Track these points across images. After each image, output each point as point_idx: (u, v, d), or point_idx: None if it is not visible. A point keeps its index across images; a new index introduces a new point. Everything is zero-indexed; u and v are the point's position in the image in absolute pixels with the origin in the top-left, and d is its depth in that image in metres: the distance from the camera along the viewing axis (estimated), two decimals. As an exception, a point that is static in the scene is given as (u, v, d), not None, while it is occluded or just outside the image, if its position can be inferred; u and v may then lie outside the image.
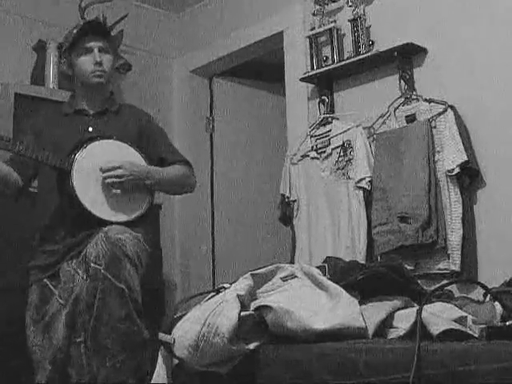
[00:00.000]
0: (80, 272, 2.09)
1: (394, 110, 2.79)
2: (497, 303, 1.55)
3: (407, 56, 2.79)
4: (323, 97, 3.09)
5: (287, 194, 3.05)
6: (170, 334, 1.46)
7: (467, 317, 1.45)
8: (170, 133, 2.73)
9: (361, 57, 2.90)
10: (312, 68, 3.12)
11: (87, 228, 2.17)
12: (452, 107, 2.59)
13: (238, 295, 1.47)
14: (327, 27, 3.07)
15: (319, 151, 2.99)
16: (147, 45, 3.87)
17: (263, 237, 3.93)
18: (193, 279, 3.79)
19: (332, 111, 3.07)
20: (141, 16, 3.84)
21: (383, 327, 1.50)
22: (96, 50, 2.32)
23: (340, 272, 1.67)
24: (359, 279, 1.59)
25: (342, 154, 2.88)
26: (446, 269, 2.53)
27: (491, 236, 2.50)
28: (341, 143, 2.89)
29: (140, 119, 2.46)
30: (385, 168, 2.72)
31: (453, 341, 1.27)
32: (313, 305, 1.50)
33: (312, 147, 3.01)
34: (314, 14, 3.15)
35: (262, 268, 1.62)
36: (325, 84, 3.11)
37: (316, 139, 3.02)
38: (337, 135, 2.92)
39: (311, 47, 3.14)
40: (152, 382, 1.54)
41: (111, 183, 2.19)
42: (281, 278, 1.61)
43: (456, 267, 2.50)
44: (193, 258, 3.84)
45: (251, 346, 1.44)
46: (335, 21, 3.07)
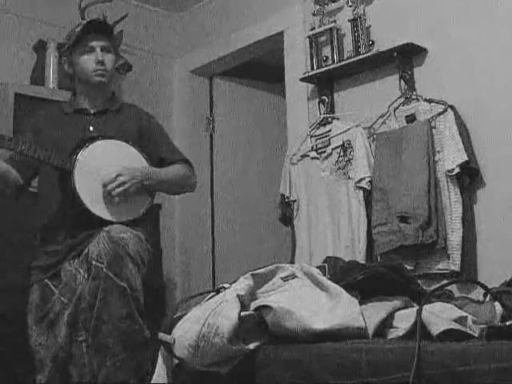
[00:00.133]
0: (81, 271, 2.08)
1: (394, 110, 2.79)
2: (497, 303, 1.55)
3: (407, 56, 2.79)
4: (323, 97, 3.10)
5: (287, 194, 3.06)
6: (170, 334, 1.46)
7: (467, 317, 1.45)
8: (170, 133, 2.73)
9: (361, 57, 2.90)
10: (312, 68, 3.12)
11: (88, 228, 2.16)
12: (452, 107, 2.59)
13: (238, 295, 1.47)
14: (327, 27, 3.07)
15: (319, 151, 2.99)
16: (147, 45, 3.87)
17: (263, 237, 3.93)
18: (193, 279, 3.79)
19: (332, 111, 3.07)
20: (141, 16, 3.85)
21: (383, 327, 1.50)
22: (98, 49, 2.32)
23: (340, 272, 1.67)
24: (359, 279, 1.59)
25: (342, 154, 2.88)
26: (446, 269, 2.53)
27: (491, 236, 2.50)
28: (341, 143, 2.89)
29: (141, 119, 2.45)
30: (385, 168, 2.72)
31: (453, 341, 1.27)
32: (313, 305, 1.50)
33: (312, 147, 3.01)
34: (314, 14, 3.15)
35: (262, 268, 1.62)
36: (325, 84, 3.11)
37: (316, 139, 3.03)
38: (337, 135, 2.92)
39: (311, 47, 3.14)
40: (152, 382, 1.54)
41: (117, 194, 2.18)
42: (281, 278, 1.61)
43: (456, 267, 2.50)
44: (193, 258, 3.84)
45: (251, 346, 1.44)
46: (335, 21, 3.07)
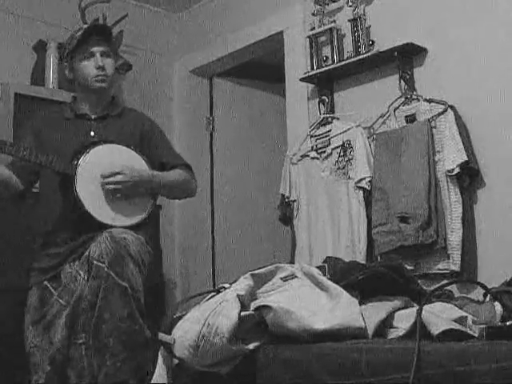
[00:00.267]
0: (82, 273, 2.08)
1: (394, 110, 2.79)
2: (497, 303, 1.55)
3: (407, 56, 2.79)
4: (323, 97, 3.09)
5: (287, 194, 3.06)
6: (170, 334, 1.46)
7: (467, 317, 1.45)
8: (170, 133, 2.74)
9: (361, 57, 2.90)
10: (312, 68, 3.12)
11: (89, 231, 2.17)
12: (452, 107, 2.59)
13: (238, 295, 1.47)
14: (327, 27, 3.07)
15: (319, 151, 2.99)
16: (147, 45, 3.87)
17: (263, 237, 3.93)
18: (193, 279, 3.79)
19: (332, 111, 3.07)
20: (141, 16, 3.85)
21: (383, 327, 1.50)
22: (98, 55, 2.31)
23: (340, 272, 1.67)
24: (359, 279, 1.59)
25: (342, 154, 2.88)
26: (446, 269, 2.53)
27: (491, 236, 2.50)
28: (341, 143, 2.89)
29: (142, 123, 2.45)
30: (385, 168, 2.72)
31: (453, 341, 1.27)
32: (313, 305, 1.50)
33: (312, 147, 3.01)
34: (314, 14, 3.15)
35: (262, 268, 1.62)
36: (325, 84, 3.11)
37: (316, 139, 3.03)
38: (337, 135, 2.92)
39: (311, 47, 3.14)
40: (152, 382, 1.54)
41: (111, 190, 2.19)
42: (281, 278, 1.61)
43: (456, 267, 2.50)
44: (193, 258, 3.84)
45: (251, 346, 1.44)
46: (335, 21, 3.07)
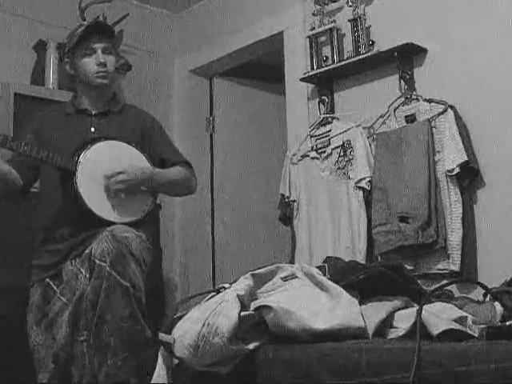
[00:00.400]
0: (83, 270, 2.08)
1: (394, 110, 2.79)
2: (497, 303, 1.55)
3: (407, 56, 2.79)
4: (323, 97, 3.09)
5: (287, 194, 3.06)
6: (170, 334, 1.46)
7: (467, 317, 1.45)
8: (170, 133, 2.73)
9: (361, 57, 2.90)
10: (312, 68, 3.12)
11: (90, 228, 2.17)
12: (452, 107, 2.59)
13: (238, 295, 1.47)
14: (327, 27, 3.07)
15: (319, 151, 2.99)
16: (147, 45, 3.87)
17: (263, 237, 3.93)
18: (193, 279, 3.79)
19: (332, 111, 3.07)
20: (141, 16, 3.85)
21: (383, 327, 1.50)
22: (99, 51, 2.32)
23: (340, 272, 1.67)
24: (359, 279, 1.59)
25: (342, 154, 2.88)
26: (446, 269, 2.53)
27: (491, 236, 2.50)
28: (341, 143, 2.89)
29: (142, 120, 2.46)
30: (385, 168, 2.72)
31: (453, 341, 1.27)
32: (313, 305, 1.50)
33: (312, 147, 3.01)
34: (314, 14, 3.15)
35: (262, 268, 1.62)
36: (325, 84, 3.11)
37: (316, 139, 3.03)
38: (337, 135, 2.92)
39: (311, 47, 3.14)
40: (152, 382, 1.54)
41: (115, 189, 2.19)
42: (281, 278, 1.61)
43: (456, 267, 2.50)
44: (193, 258, 3.84)
45: (251, 346, 1.44)
46: (335, 21, 3.07)
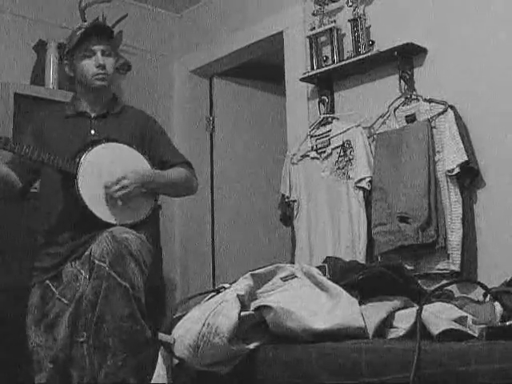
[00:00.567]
0: (83, 272, 2.08)
1: (394, 110, 2.79)
2: (497, 303, 1.55)
3: (407, 56, 2.79)
4: (323, 97, 3.10)
5: (287, 194, 3.06)
6: (170, 334, 1.46)
7: (467, 317, 1.45)
8: (170, 133, 2.73)
9: (361, 57, 2.90)
10: (312, 68, 3.12)
11: (91, 230, 2.17)
12: (452, 107, 2.59)
13: (238, 295, 1.47)
14: (327, 27, 3.07)
15: (319, 151, 2.99)
16: (147, 45, 3.87)
17: (263, 237, 3.93)
18: (193, 279, 3.79)
19: (332, 111, 3.07)
20: (141, 16, 3.85)
21: (383, 327, 1.50)
22: (99, 53, 2.31)
23: (340, 272, 1.67)
24: (359, 279, 1.59)
25: (342, 154, 2.88)
26: (446, 269, 2.53)
27: (491, 236, 2.50)
28: (341, 143, 2.89)
29: (142, 121, 2.45)
30: (385, 168, 2.72)
31: (453, 341, 1.27)
32: (313, 305, 1.50)
33: (312, 147, 3.01)
34: (314, 14, 3.15)
35: (262, 268, 1.62)
36: (325, 84, 3.11)
37: (316, 139, 3.03)
38: (337, 135, 2.92)
39: (311, 47, 3.14)
40: (152, 382, 1.54)
41: (117, 197, 2.19)
42: (281, 278, 1.61)
43: (456, 267, 2.50)
44: (193, 258, 3.84)
45: (251, 346, 1.44)
46: (335, 21, 3.07)
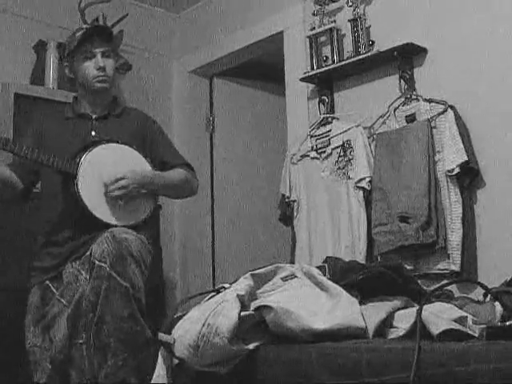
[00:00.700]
0: (83, 272, 2.08)
1: (394, 110, 2.79)
2: (497, 303, 1.54)
3: (407, 56, 2.79)
4: (323, 97, 3.10)
5: (287, 194, 3.06)
6: (170, 334, 1.46)
7: (467, 317, 1.45)
8: (170, 133, 2.74)
9: (361, 57, 2.90)
10: (312, 68, 3.12)
11: (91, 231, 2.16)
12: (452, 107, 2.59)
13: (238, 295, 1.47)
14: (327, 27, 3.07)
15: (319, 151, 2.99)
16: (147, 45, 3.87)
17: (263, 237, 3.93)
18: (193, 279, 3.79)
19: (332, 111, 3.07)
20: (141, 16, 3.85)
21: (383, 327, 1.50)
22: (99, 55, 2.31)
23: (340, 272, 1.67)
24: (359, 279, 1.59)
25: (342, 154, 2.88)
26: (446, 269, 2.53)
27: (491, 236, 2.50)
28: (341, 143, 2.89)
29: (143, 122, 2.45)
30: (385, 168, 2.72)
31: (453, 341, 1.27)
32: (313, 305, 1.50)
33: (312, 147, 3.01)
34: (314, 14, 3.15)
35: (262, 268, 1.62)
36: (325, 84, 3.11)
37: (316, 139, 3.03)
38: (337, 135, 2.92)
39: (311, 47, 3.14)
40: (152, 382, 1.54)
41: (117, 197, 2.19)
42: (281, 278, 1.61)
43: (456, 267, 2.50)
44: (193, 258, 3.84)
45: (251, 346, 1.44)
46: (335, 21, 3.07)
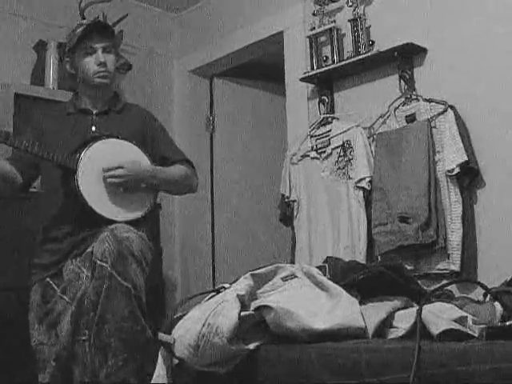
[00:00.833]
0: (84, 270, 2.08)
1: (394, 110, 2.79)
2: (497, 303, 1.54)
3: (407, 56, 2.79)
4: (323, 97, 3.10)
5: (287, 194, 3.06)
6: (170, 334, 1.46)
7: (467, 317, 1.45)
8: (171, 132, 2.73)
9: (361, 57, 2.90)
10: (312, 68, 3.13)
11: (91, 227, 2.17)
12: (452, 107, 2.59)
13: (238, 295, 1.47)
14: (327, 27, 3.07)
15: (319, 151, 2.99)
16: (147, 45, 3.88)
17: (263, 237, 3.94)
18: (193, 279, 3.79)
19: (332, 111, 3.07)
20: (141, 16, 3.85)
21: (383, 327, 1.50)
22: (100, 51, 2.31)
23: (340, 272, 1.67)
24: (359, 279, 1.59)
25: (342, 154, 2.88)
26: (446, 269, 2.53)
27: (491, 236, 2.50)
28: (341, 143, 2.89)
29: (143, 118, 2.46)
30: (385, 168, 2.72)
31: (453, 341, 1.27)
32: (313, 305, 1.50)
33: (312, 147, 3.02)
34: (314, 14, 3.15)
35: (262, 268, 1.62)
36: (325, 84, 3.11)
37: (316, 139, 3.03)
38: (337, 135, 2.92)
39: (311, 47, 3.14)
40: (152, 382, 1.54)
41: (111, 183, 2.20)
42: (281, 278, 1.61)
43: (456, 267, 2.50)
44: (193, 258, 3.84)
45: (251, 346, 1.44)
46: (335, 21, 3.08)
